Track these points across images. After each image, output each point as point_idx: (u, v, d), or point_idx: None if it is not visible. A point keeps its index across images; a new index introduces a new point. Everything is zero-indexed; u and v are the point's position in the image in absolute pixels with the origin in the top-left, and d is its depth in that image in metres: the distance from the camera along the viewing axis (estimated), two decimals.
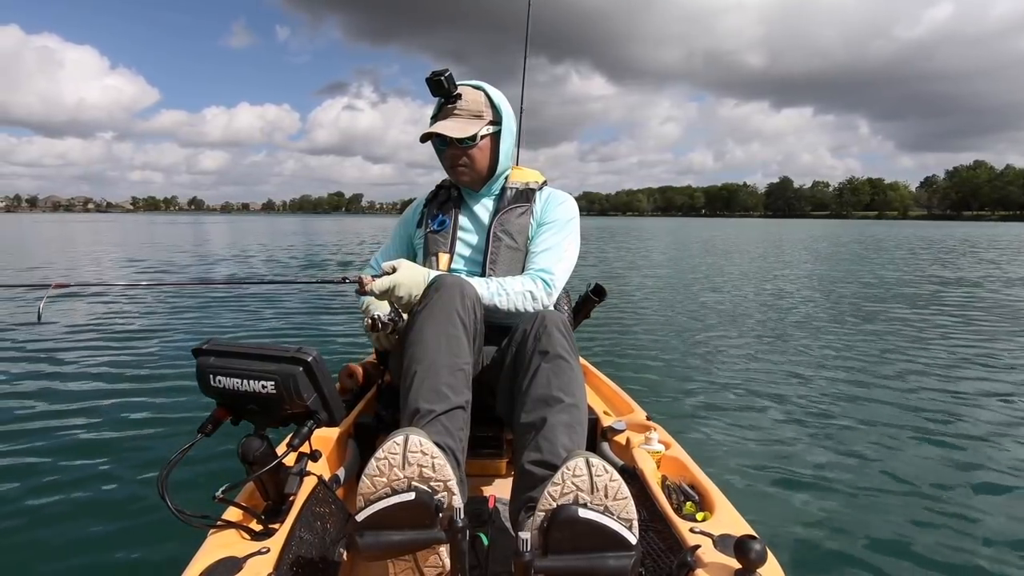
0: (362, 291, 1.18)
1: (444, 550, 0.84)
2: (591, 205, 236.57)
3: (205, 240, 20.57)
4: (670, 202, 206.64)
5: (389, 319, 1.19)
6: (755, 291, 7.41)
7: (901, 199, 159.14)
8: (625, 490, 0.79)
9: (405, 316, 1.26)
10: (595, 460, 0.79)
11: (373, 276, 1.20)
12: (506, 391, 1.15)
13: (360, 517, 0.79)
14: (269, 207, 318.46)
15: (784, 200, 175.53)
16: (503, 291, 1.25)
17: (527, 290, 1.27)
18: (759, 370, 3.58)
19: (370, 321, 1.18)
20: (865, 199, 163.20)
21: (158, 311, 5.60)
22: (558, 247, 1.35)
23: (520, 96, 2.17)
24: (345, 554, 1.02)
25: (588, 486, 0.78)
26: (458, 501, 0.83)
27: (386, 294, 1.18)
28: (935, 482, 2.09)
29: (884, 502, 1.95)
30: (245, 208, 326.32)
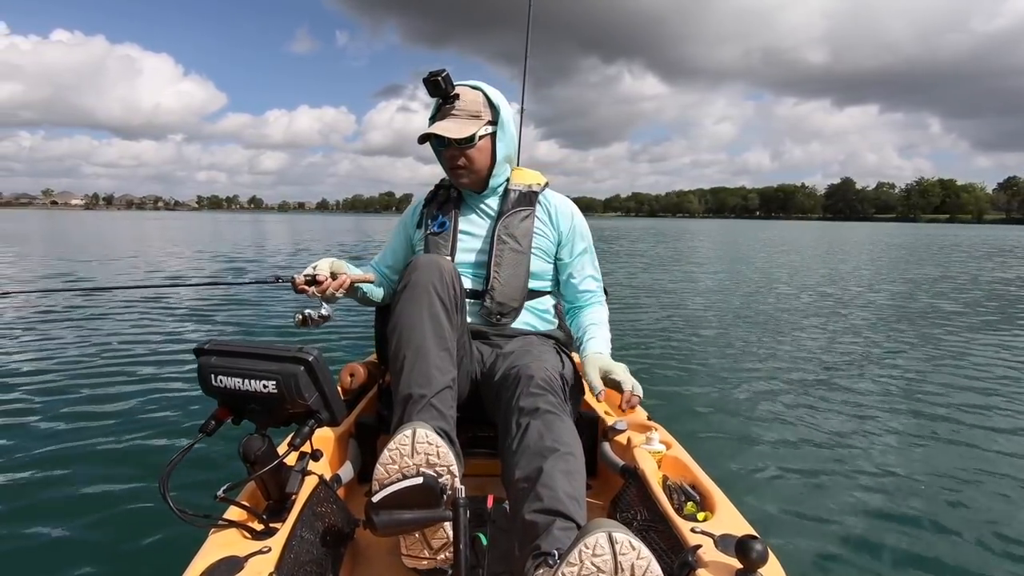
0: (299, 291, 1.23)
1: (449, 526, 0.92)
2: (640, 206, 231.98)
3: (265, 239, 20.57)
4: (723, 203, 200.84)
5: (319, 315, 1.22)
6: (766, 292, 7.40)
7: (976, 201, 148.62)
8: (656, 568, 0.69)
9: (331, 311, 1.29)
10: (619, 535, 0.68)
11: (306, 276, 1.24)
12: (499, 449, 1.11)
13: (376, 498, 0.87)
14: (323, 206, 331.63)
15: (845, 202, 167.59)
16: (607, 332, 1.38)
17: (606, 318, 1.43)
18: (761, 371, 3.58)
19: (300, 317, 1.20)
20: (935, 201, 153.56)
21: (159, 311, 5.60)
22: (595, 266, 1.48)
23: (521, 97, 2.17)
24: (347, 549, 1.02)
25: (611, 567, 0.68)
26: (459, 483, 0.91)
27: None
28: (939, 484, 2.09)
29: (886, 502, 1.95)
30: (301, 207, 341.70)
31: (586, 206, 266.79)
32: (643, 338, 4.53)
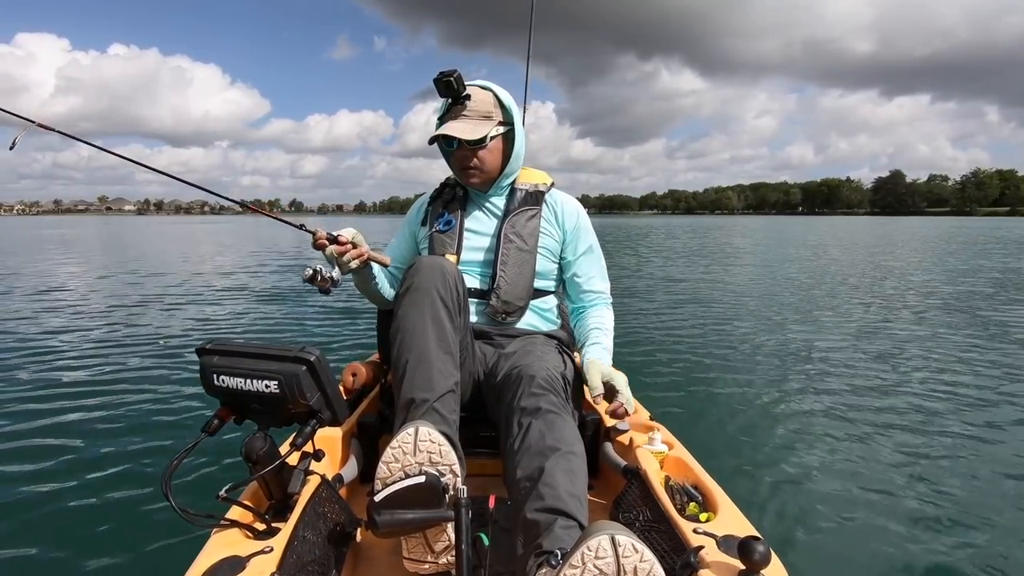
0: (318, 244, 1.19)
1: (451, 528, 0.91)
2: (677, 203, 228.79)
3: (304, 240, 20.29)
4: (763, 199, 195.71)
5: (329, 275, 1.19)
6: (782, 289, 7.38)
7: None
8: (659, 571, 0.69)
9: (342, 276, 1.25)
10: (622, 537, 0.68)
11: (328, 235, 1.20)
12: (501, 449, 1.11)
13: (378, 498, 0.86)
14: (360, 208, 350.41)
15: (895, 196, 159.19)
16: (608, 340, 1.36)
17: (610, 323, 1.41)
18: (763, 371, 3.57)
19: (311, 272, 1.17)
20: (993, 193, 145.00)
21: (162, 310, 5.62)
22: (602, 267, 1.46)
23: (524, 96, 2.16)
24: (349, 549, 1.02)
25: (614, 569, 0.67)
26: (461, 482, 0.91)
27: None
28: (947, 486, 2.08)
29: (889, 503, 1.95)
30: (339, 209, 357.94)
31: (622, 204, 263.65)
32: (646, 337, 4.52)
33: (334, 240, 1.20)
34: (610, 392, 1.21)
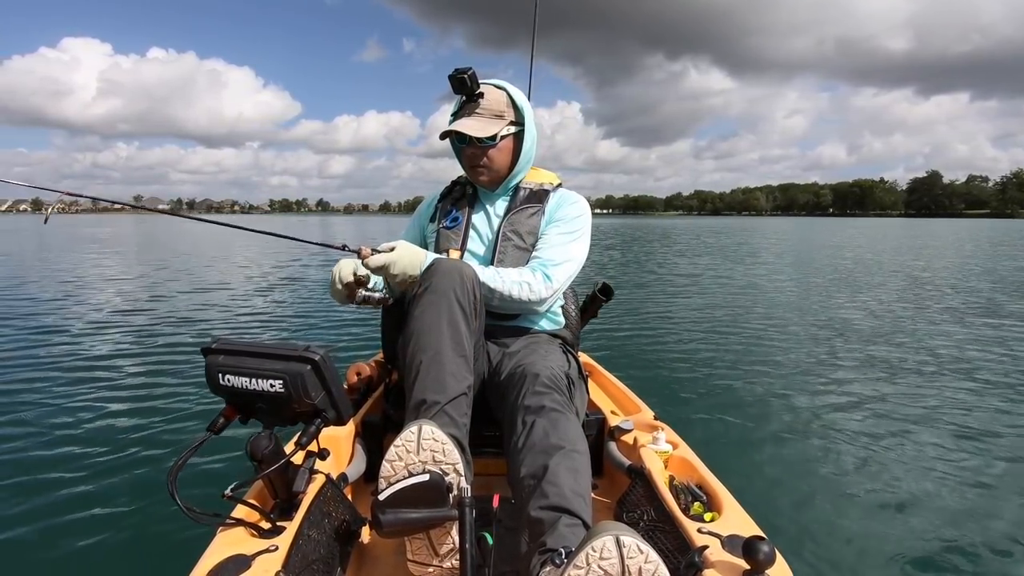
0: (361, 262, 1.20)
1: (455, 530, 0.90)
2: (703, 204, 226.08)
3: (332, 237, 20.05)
4: (792, 200, 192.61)
5: (379, 298, 1.21)
6: (781, 290, 7.36)
7: None
8: (664, 572, 0.68)
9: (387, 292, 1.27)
10: (626, 538, 0.68)
11: (373, 250, 1.21)
12: (505, 448, 1.11)
13: (382, 496, 0.86)
14: (385, 208, 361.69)
15: (931, 197, 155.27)
16: (499, 277, 1.25)
17: (524, 280, 1.26)
18: (768, 370, 3.56)
19: (361, 297, 1.20)
20: None
21: (168, 309, 5.65)
22: (561, 244, 1.33)
23: (528, 95, 2.16)
24: (354, 548, 1.03)
25: (618, 570, 0.68)
26: (464, 481, 0.91)
27: (381, 270, 1.20)
28: (952, 485, 2.07)
29: (896, 503, 1.94)
30: (365, 209, 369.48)
31: (647, 205, 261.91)
32: (650, 337, 4.52)
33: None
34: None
